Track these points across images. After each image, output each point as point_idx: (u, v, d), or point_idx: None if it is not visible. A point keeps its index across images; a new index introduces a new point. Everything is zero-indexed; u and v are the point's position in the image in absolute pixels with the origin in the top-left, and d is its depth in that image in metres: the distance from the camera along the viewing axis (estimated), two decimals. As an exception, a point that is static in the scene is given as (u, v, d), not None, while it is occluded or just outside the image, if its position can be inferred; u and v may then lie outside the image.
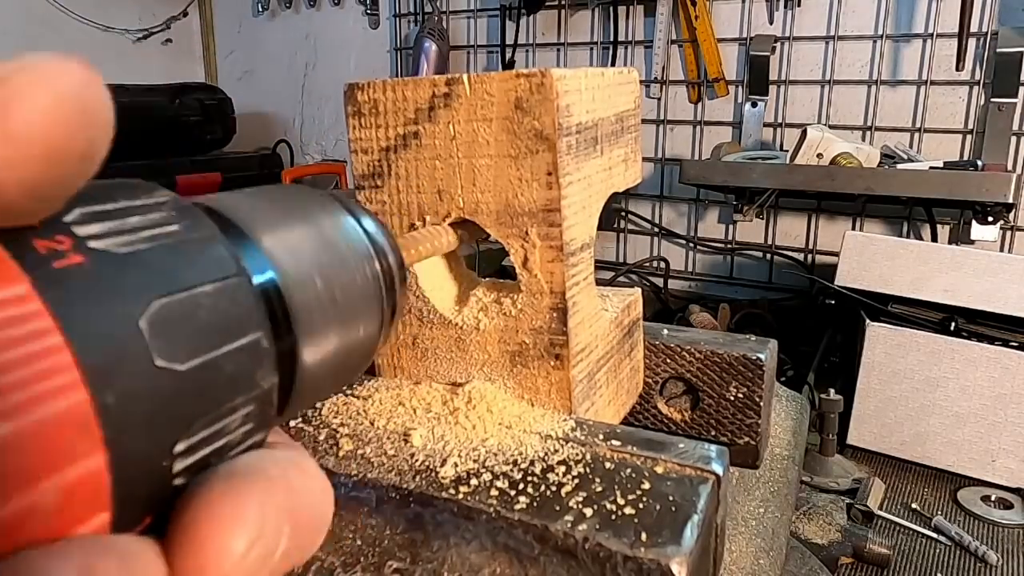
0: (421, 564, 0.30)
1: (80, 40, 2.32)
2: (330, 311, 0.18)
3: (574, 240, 0.36)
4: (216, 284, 0.15)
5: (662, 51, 1.85)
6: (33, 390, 0.12)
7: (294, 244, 0.18)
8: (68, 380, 0.12)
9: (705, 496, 0.29)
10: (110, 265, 0.13)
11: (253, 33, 2.60)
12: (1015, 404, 1.19)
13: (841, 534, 1.05)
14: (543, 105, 0.33)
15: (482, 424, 0.35)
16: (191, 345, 0.14)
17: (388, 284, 0.20)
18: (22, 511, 0.12)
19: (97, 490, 0.13)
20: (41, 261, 0.12)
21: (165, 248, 0.14)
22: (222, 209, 0.17)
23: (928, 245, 1.33)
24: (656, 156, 1.94)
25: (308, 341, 0.17)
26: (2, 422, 0.11)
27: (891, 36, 1.64)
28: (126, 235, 0.14)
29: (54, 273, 0.12)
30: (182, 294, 0.14)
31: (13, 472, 0.11)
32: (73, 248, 0.13)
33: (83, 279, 0.13)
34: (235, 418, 0.15)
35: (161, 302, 0.14)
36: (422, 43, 2.06)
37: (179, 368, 0.14)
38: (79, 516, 0.12)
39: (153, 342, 0.13)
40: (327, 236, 0.19)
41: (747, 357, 0.46)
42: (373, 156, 0.38)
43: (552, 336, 0.36)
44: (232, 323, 0.15)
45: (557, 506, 0.29)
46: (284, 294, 0.17)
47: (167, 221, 0.15)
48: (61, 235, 0.13)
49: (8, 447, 0.11)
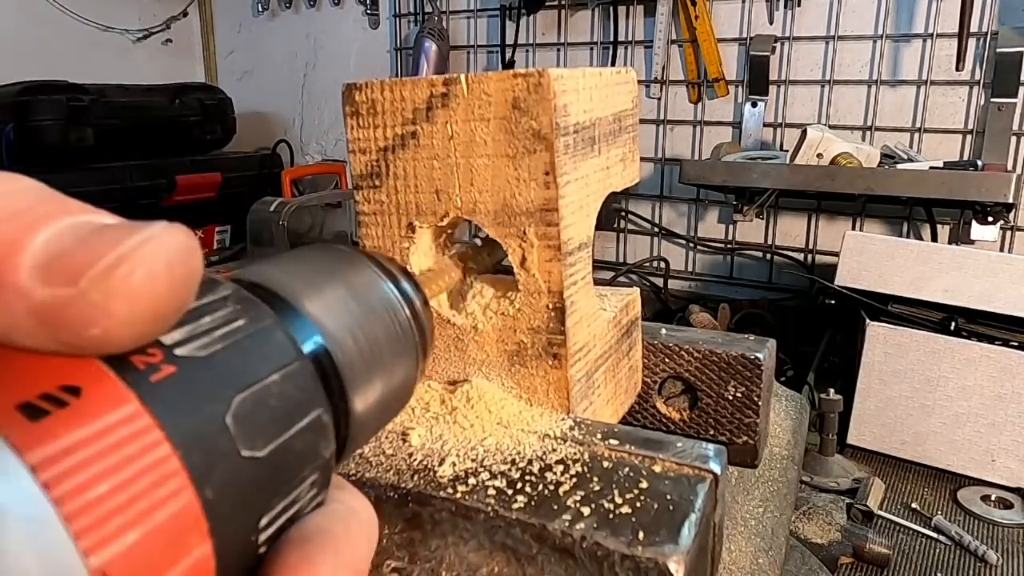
0: (419, 563, 0.30)
1: (80, 40, 2.32)
2: (373, 363, 0.20)
3: (572, 240, 0.36)
4: (282, 372, 0.17)
5: (662, 51, 1.85)
6: (153, 497, 0.13)
7: (334, 306, 0.19)
8: (178, 484, 0.14)
9: (703, 495, 0.29)
10: (196, 370, 0.15)
11: (253, 33, 2.60)
12: (1015, 404, 1.18)
13: (841, 534, 1.05)
14: (540, 105, 0.33)
15: (480, 423, 0.35)
16: (267, 432, 0.16)
17: (419, 327, 0.22)
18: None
19: (206, 572, 0.14)
20: (141, 377, 0.14)
21: (237, 346, 0.16)
22: (265, 282, 0.19)
23: (928, 245, 1.33)
24: (656, 156, 1.94)
25: (358, 397, 0.19)
26: (132, 529, 0.13)
27: (891, 36, 1.64)
28: (203, 338, 0.16)
29: (154, 388, 0.14)
30: (256, 387, 0.16)
31: (144, 571, 0.13)
32: (164, 360, 0.15)
33: (176, 388, 0.14)
34: (304, 487, 0.17)
35: (241, 397, 0.15)
36: (422, 43, 2.06)
37: (259, 455, 0.15)
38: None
39: (238, 435, 0.15)
40: (360, 292, 0.21)
41: (745, 356, 0.46)
42: (371, 156, 0.38)
43: (550, 336, 0.36)
44: (298, 405, 0.17)
45: (555, 505, 0.29)
46: (334, 359, 0.19)
47: (233, 317, 0.17)
48: (152, 348, 0.15)
49: (138, 550, 0.13)
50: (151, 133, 2.12)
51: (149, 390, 0.14)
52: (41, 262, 0.13)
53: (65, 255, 0.14)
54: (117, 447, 0.13)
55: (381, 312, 0.21)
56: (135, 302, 0.14)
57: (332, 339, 0.19)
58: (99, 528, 0.12)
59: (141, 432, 0.13)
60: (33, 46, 2.20)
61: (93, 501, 0.12)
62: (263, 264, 0.20)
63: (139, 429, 0.13)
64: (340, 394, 0.19)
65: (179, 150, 2.18)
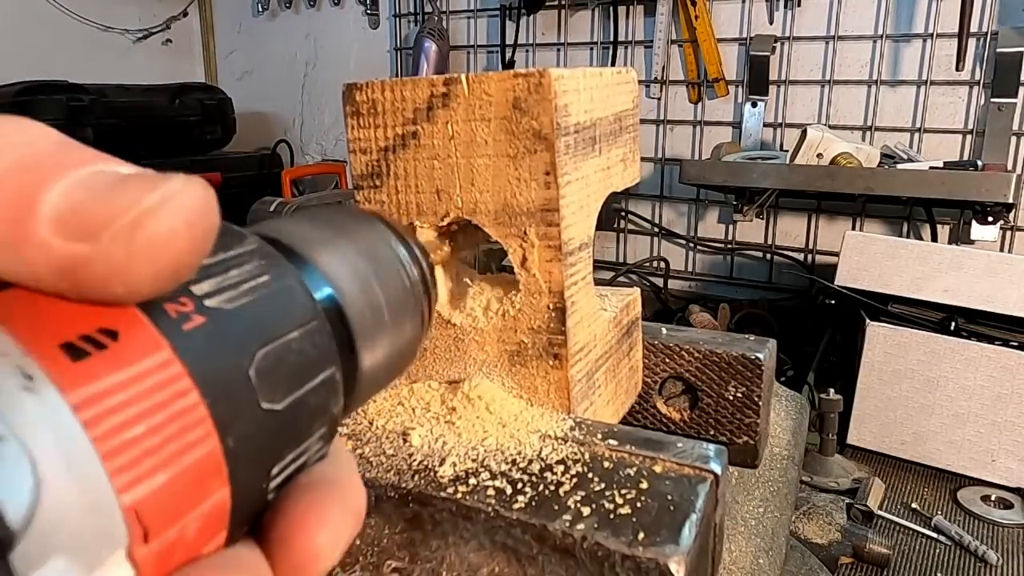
0: (420, 563, 0.30)
1: (80, 40, 2.32)
2: (382, 323, 0.20)
3: (572, 240, 0.36)
4: (302, 329, 0.17)
5: (662, 51, 1.85)
6: (182, 442, 0.14)
7: (348, 264, 0.20)
8: (205, 431, 0.14)
9: (703, 495, 0.29)
10: (223, 322, 0.16)
11: (253, 33, 2.60)
12: (1015, 404, 1.18)
13: (841, 534, 1.05)
14: (541, 105, 0.33)
15: (481, 424, 0.35)
16: (285, 386, 0.16)
17: (426, 289, 0.22)
18: (174, 540, 0.14)
19: (222, 516, 0.15)
20: (174, 325, 0.15)
21: (261, 301, 0.17)
22: (283, 238, 0.19)
23: (928, 245, 1.33)
24: (656, 156, 1.94)
25: (366, 355, 0.20)
26: (162, 471, 0.13)
27: (891, 36, 1.64)
28: (231, 291, 0.16)
29: (185, 336, 0.15)
30: (278, 342, 0.16)
31: (170, 511, 0.14)
32: (195, 310, 0.15)
33: (206, 339, 0.15)
34: (313, 440, 0.18)
35: (264, 351, 0.16)
36: (422, 43, 2.06)
37: (277, 408, 0.16)
38: (209, 538, 0.15)
39: (259, 387, 0.16)
40: (372, 251, 0.21)
41: (746, 356, 0.46)
42: (372, 156, 0.38)
43: (551, 336, 0.36)
44: (315, 362, 0.17)
45: (555, 505, 0.29)
46: (347, 317, 0.19)
47: (259, 272, 0.17)
48: (184, 296, 0.15)
49: (166, 491, 0.13)
50: (151, 133, 2.12)
51: (181, 338, 0.14)
52: (59, 215, 0.13)
53: (84, 209, 0.14)
54: (151, 392, 0.14)
55: (392, 272, 0.21)
56: (157, 259, 0.14)
57: (346, 297, 0.19)
58: (133, 468, 0.13)
59: (173, 379, 0.14)
60: (33, 46, 2.20)
61: (129, 442, 0.13)
62: (279, 221, 0.20)
63: (172, 376, 0.14)
64: (350, 352, 0.19)
65: (179, 150, 2.18)
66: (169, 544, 0.14)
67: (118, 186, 0.14)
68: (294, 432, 0.17)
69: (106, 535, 0.13)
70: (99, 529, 0.13)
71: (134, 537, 0.13)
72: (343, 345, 0.19)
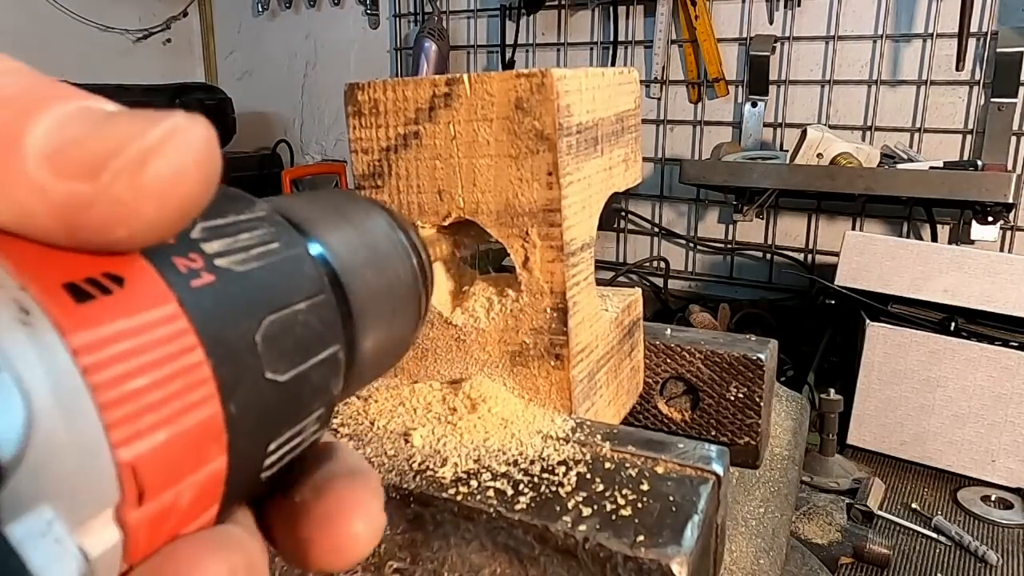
0: (421, 564, 0.30)
1: (80, 40, 2.32)
2: (381, 308, 0.20)
3: (574, 240, 0.36)
4: (309, 302, 0.16)
5: (662, 51, 1.84)
6: (184, 401, 0.13)
7: (351, 245, 0.19)
8: (208, 392, 0.13)
9: (705, 496, 0.29)
10: (233, 284, 0.15)
11: (253, 33, 2.60)
12: (1015, 404, 1.18)
13: (841, 534, 1.05)
14: (543, 105, 0.33)
15: (482, 424, 0.35)
16: (290, 358, 0.16)
17: (423, 278, 0.22)
18: (168, 506, 0.13)
19: (216, 487, 0.14)
20: (182, 280, 0.14)
21: (271, 267, 0.16)
22: (288, 213, 0.19)
23: (928, 245, 1.33)
24: (656, 156, 1.94)
25: (364, 339, 0.19)
26: (162, 429, 0.13)
27: (891, 36, 1.64)
28: (241, 253, 0.15)
29: (194, 293, 0.14)
30: (286, 311, 0.16)
31: (168, 473, 0.13)
32: (205, 267, 0.14)
33: (214, 298, 0.14)
34: (311, 420, 0.17)
35: (271, 319, 0.15)
36: (422, 43, 2.06)
37: (280, 379, 0.15)
38: (201, 509, 0.14)
39: (264, 355, 0.15)
40: (373, 236, 0.21)
41: (747, 357, 0.46)
42: (373, 156, 0.38)
43: (552, 336, 0.36)
44: (320, 337, 0.17)
45: (557, 506, 0.29)
46: (349, 298, 0.19)
47: (269, 238, 0.16)
48: (193, 252, 0.14)
49: (164, 451, 0.13)
50: (151, 133, 2.12)
51: (189, 294, 0.14)
52: (51, 151, 0.12)
53: (77, 144, 0.12)
54: (156, 345, 0.13)
55: (392, 258, 0.21)
56: (165, 201, 0.13)
57: (348, 276, 0.19)
58: (131, 422, 0.12)
59: (179, 334, 0.13)
60: (33, 46, 2.20)
61: (129, 394, 0.12)
62: (282, 198, 0.20)
63: (177, 331, 0.13)
64: (351, 333, 0.19)
65: (179, 150, 2.18)
66: (163, 509, 0.13)
67: (112, 120, 0.13)
68: (294, 408, 0.16)
69: (95, 490, 0.12)
70: (90, 482, 0.12)
71: (127, 498, 0.12)
72: (346, 326, 0.18)
